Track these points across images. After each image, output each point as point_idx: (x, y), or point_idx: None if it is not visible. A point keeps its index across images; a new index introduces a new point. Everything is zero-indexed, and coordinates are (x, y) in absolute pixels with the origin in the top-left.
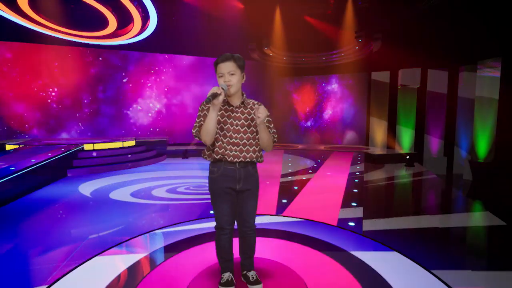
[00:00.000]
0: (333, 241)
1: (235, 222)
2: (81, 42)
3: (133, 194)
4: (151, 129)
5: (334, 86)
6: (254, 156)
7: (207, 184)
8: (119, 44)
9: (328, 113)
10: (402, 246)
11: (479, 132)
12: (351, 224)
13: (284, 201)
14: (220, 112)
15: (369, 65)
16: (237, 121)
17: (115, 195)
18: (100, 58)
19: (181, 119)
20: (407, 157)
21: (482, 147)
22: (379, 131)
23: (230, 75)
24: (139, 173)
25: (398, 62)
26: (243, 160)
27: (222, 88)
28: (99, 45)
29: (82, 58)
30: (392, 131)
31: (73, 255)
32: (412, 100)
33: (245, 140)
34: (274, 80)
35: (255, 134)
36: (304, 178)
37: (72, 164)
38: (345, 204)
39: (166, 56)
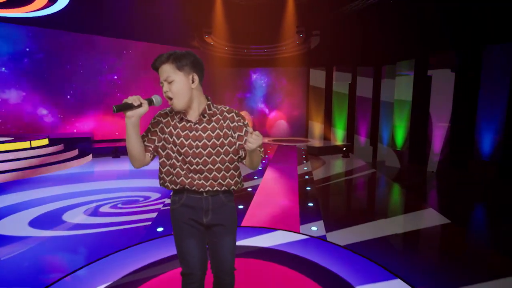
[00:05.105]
0: (312, 257)
1: (207, 265)
2: None
3: (33, 223)
4: (72, 119)
5: (275, 79)
6: (224, 183)
7: (140, 198)
8: (24, 17)
9: (269, 105)
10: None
11: (397, 126)
12: (314, 228)
13: (240, 207)
14: (176, 131)
15: (308, 61)
16: (197, 141)
17: (4, 226)
18: None
19: (110, 110)
20: (344, 148)
21: (400, 138)
22: (317, 125)
23: (168, 84)
24: (49, 187)
25: (333, 60)
26: (210, 189)
27: (152, 100)
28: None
29: None
30: (328, 124)
31: None
32: (344, 99)
33: (210, 165)
34: (215, 70)
35: (223, 156)
36: (256, 178)
37: None
38: (302, 206)
39: (88, 35)
